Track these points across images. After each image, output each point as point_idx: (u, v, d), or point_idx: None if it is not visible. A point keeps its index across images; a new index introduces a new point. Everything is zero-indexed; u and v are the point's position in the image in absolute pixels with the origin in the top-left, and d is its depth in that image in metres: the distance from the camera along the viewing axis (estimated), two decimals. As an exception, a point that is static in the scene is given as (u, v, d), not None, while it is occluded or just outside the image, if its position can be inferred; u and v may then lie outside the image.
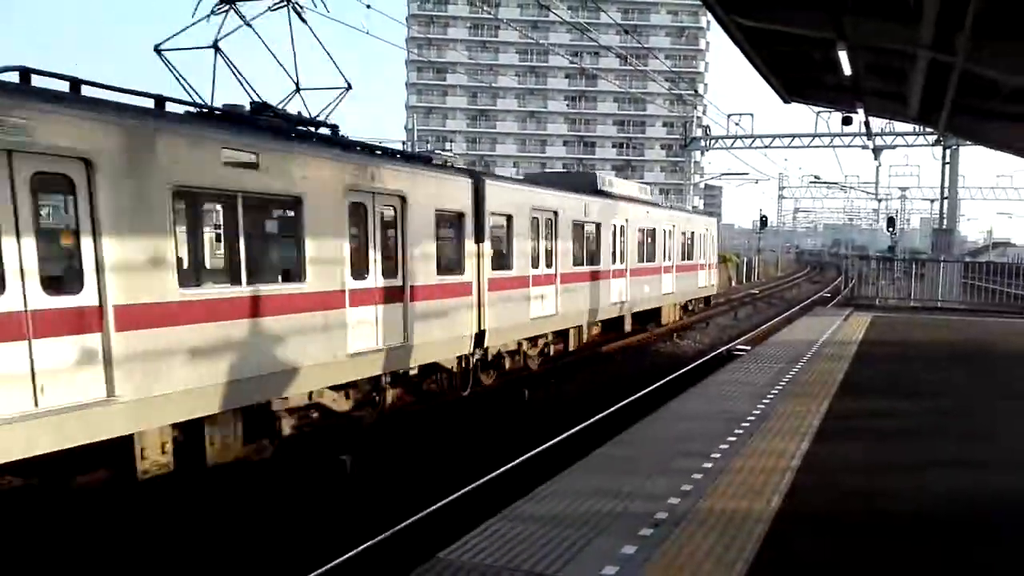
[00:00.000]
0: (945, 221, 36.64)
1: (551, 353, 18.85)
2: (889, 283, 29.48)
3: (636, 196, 24.87)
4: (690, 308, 30.18)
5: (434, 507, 9.18)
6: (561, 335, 19.05)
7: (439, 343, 13.57)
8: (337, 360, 11.11)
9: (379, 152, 12.76)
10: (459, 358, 14.58)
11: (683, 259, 27.63)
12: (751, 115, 45.86)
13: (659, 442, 8.52)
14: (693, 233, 29.06)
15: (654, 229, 24.76)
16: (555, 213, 17.85)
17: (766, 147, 46.34)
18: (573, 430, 12.72)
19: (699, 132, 49.63)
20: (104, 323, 7.82)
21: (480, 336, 14.84)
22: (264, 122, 10.80)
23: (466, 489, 9.81)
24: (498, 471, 10.65)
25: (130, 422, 8.14)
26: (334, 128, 12.24)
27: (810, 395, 10.83)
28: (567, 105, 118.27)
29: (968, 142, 33.62)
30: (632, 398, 14.93)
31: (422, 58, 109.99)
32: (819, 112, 40.82)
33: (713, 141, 48.11)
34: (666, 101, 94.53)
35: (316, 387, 10.98)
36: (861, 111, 21.16)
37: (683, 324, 27.88)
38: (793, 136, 45.49)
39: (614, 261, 21.38)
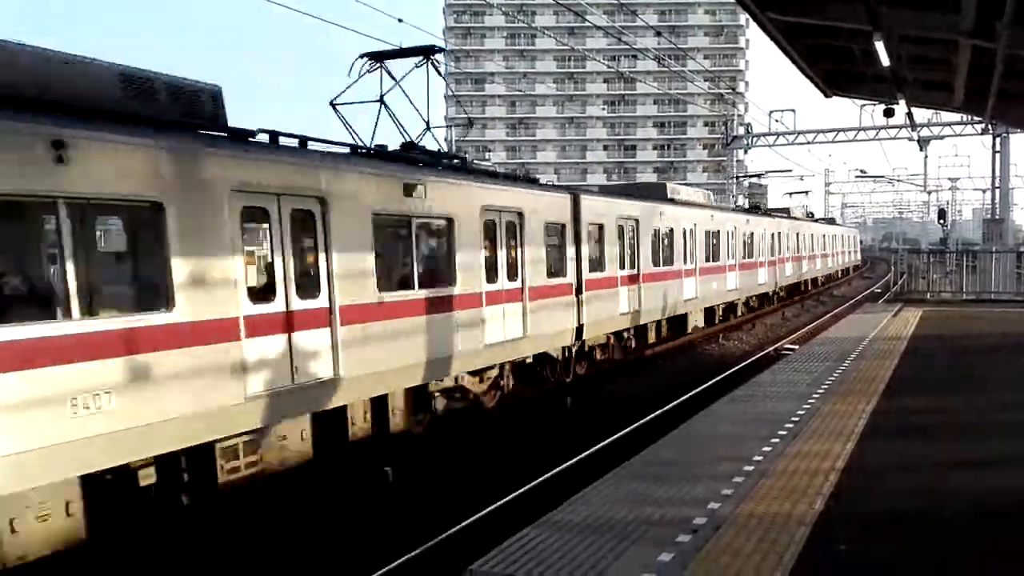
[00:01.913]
0: (997, 211, 35.71)
1: (632, 346, 20.13)
2: (941, 276, 28.81)
3: (700, 201, 26.23)
4: (751, 304, 31.36)
5: (470, 520, 9.12)
6: (641, 330, 20.45)
7: (549, 335, 15.47)
8: (476, 350, 13.11)
9: (500, 176, 15.01)
10: (563, 348, 16.45)
11: (745, 258, 28.88)
12: (793, 111, 45.41)
13: (701, 445, 8.41)
14: (752, 233, 30.07)
15: (718, 231, 25.88)
16: (636, 221, 19.53)
17: (809, 143, 45.67)
18: (617, 436, 12.59)
19: (741, 130, 49.10)
20: (332, 320, 10.08)
21: (579, 330, 16.64)
22: (418, 158, 12.76)
23: (500, 503, 9.70)
24: (539, 480, 10.57)
25: (347, 395, 10.40)
26: (463, 159, 14.76)
27: (857, 394, 10.60)
28: (606, 110, 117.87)
29: (1018, 130, 32.75)
30: (676, 402, 14.74)
31: (460, 70, 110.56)
32: (863, 105, 40.15)
33: (755, 139, 47.53)
34: (706, 100, 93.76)
35: (460, 372, 13.01)
36: (903, 102, 20.70)
37: (741, 321, 27.70)
38: (837, 131, 44.77)
39: (685, 261, 22.82)
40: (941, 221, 48.27)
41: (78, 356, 7.22)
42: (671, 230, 21.90)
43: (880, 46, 13.42)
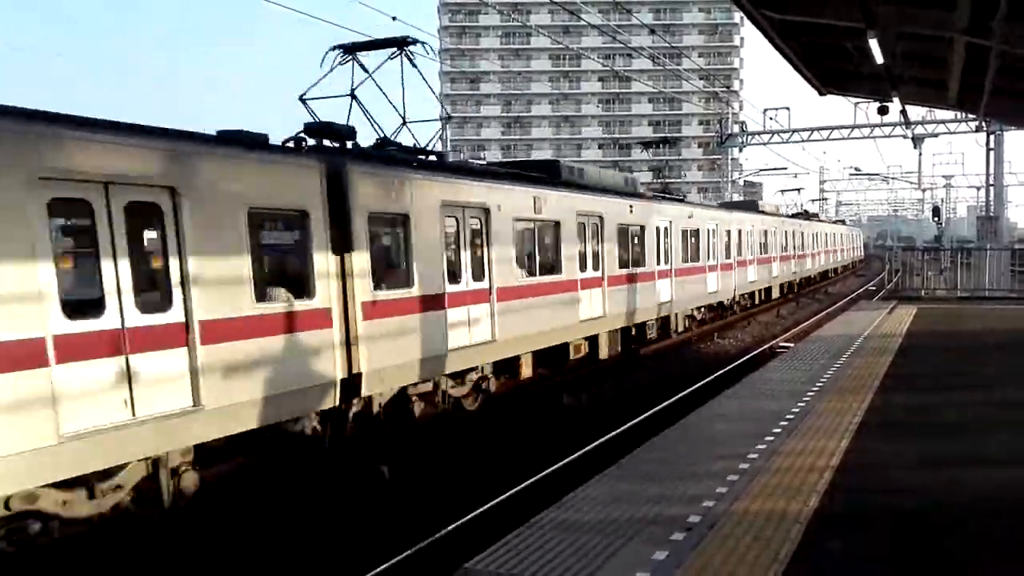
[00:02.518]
0: (991, 208, 35.77)
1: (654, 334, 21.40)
2: (935, 274, 28.85)
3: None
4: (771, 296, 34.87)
5: (465, 519, 9.10)
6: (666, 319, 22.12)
7: (626, 314, 18.58)
8: (576, 323, 16.01)
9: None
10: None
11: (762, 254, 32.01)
12: (787, 109, 45.26)
13: (695, 443, 8.39)
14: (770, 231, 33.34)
15: (747, 230, 29.79)
16: (671, 222, 21.93)
17: (804, 141, 45.66)
18: (611, 435, 12.57)
19: (735, 128, 49.08)
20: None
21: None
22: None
23: (492, 503, 9.67)
24: (533, 479, 10.55)
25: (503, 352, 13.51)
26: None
27: (852, 391, 10.60)
28: (601, 108, 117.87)
29: (1012, 127, 32.80)
30: (670, 400, 14.73)
31: (455, 68, 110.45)
32: (857, 103, 40.12)
33: (750, 137, 47.53)
34: (701, 99, 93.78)
35: (564, 340, 15.57)
36: (897, 100, 20.71)
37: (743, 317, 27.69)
38: (831, 128, 44.76)
39: (710, 258, 25.19)
40: (935, 219, 48.30)
41: None
42: (696, 231, 23.67)
43: (874, 44, 13.41)
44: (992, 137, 35.54)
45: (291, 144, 11.05)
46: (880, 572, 5.18)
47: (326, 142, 11.44)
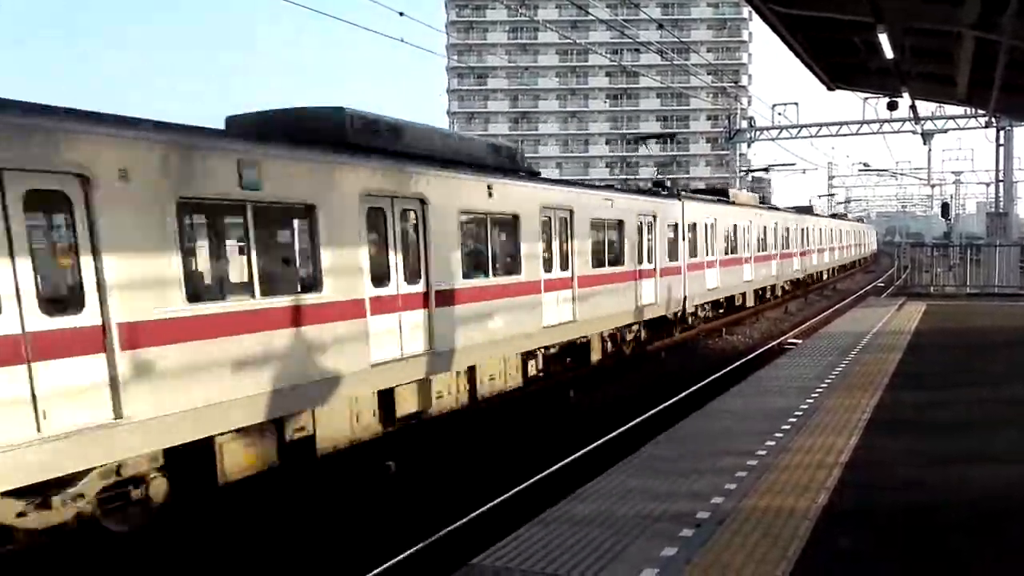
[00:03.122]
0: (1001, 204, 35.59)
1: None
2: (944, 270, 28.73)
3: (750, 203, 30.68)
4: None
5: (472, 515, 9.11)
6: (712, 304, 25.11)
7: (666, 302, 20.41)
8: (636, 307, 18.34)
9: (636, 189, 18.51)
10: (673, 313, 21.14)
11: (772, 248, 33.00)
12: (796, 104, 45.10)
13: (704, 440, 8.39)
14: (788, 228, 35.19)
15: (774, 225, 32.33)
16: (716, 219, 24.76)
17: (812, 136, 45.50)
18: (619, 431, 12.58)
19: (744, 124, 48.90)
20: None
21: (683, 300, 21.59)
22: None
23: (500, 499, 9.67)
24: (541, 475, 10.56)
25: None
26: None
27: (860, 388, 10.58)
28: (608, 104, 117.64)
29: (1022, 123, 32.63)
30: (679, 396, 14.72)
31: (462, 63, 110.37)
32: (866, 98, 39.90)
33: (758, 132, 47.36)
34: (709, 94, 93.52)
35: (623, 324, 17.87)
36: (907, 95, 20.62)
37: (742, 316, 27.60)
38: (840, 124, 44.59)
39: (747, 250, 28.11)
40: (945, 215, 48.08)
41: None
42: (734, 226, 26.72)
43: (884, 39, 13.36)
44: (1002, 133, 35.34)
45: None
46: (889, 569, 5.17)
47: None
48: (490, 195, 13.14)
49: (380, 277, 10.78)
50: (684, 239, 21.90)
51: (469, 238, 13.21)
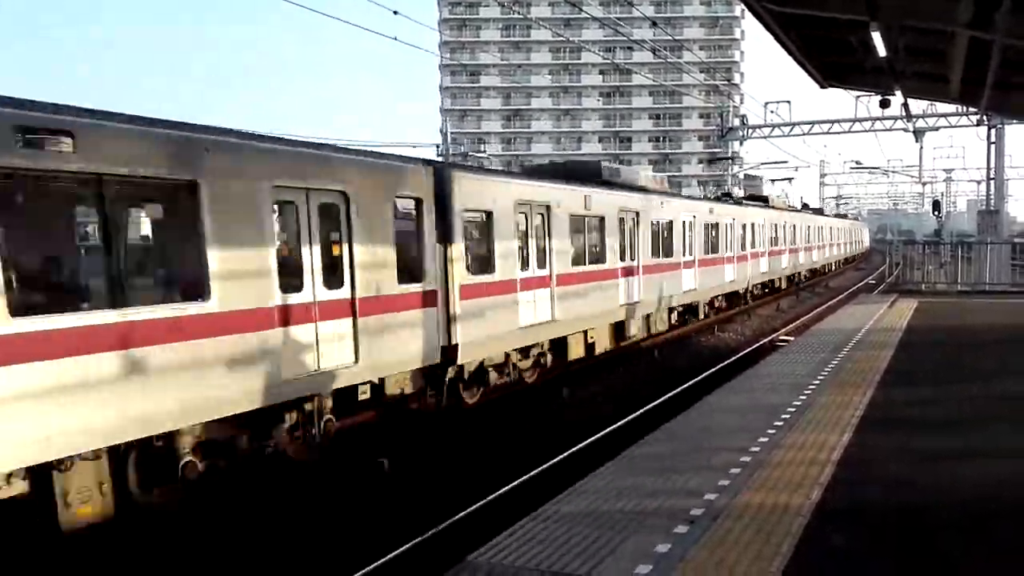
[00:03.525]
0: (992, 202, 35.72)
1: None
2: (936, 268, 28.86)
3: (782, 207, 36.82)
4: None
5: (467, 511, 9.11)
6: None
7: (745, 280, 25.88)
8: (729, 281, 25.16)
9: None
10: (743, 288, 27.27)
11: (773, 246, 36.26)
12: (788, 102, 45.13)
13: (697, 436, 8.41)
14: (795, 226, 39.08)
15: (792, 224, 37.06)
16: (764, 220, 30.85)
17: (805, 134, 45.55)
18: (611, 427, 12.58)
19: (736, 122, 48.96)
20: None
21: (748, 280, 27.02)
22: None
23: (495, 495, 9.67)
24: (534, 471, 10.55)
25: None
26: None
27: (853, 385, 10.61)
28: (601, 101, 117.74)
29: (1014, 121, 32.73)
30: (671, 393, 14.74)
31: (455, 61, 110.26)
32: (858, 96, 39.99)
33: (751, 130, 47.42)
34: (702, 92, 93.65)
35: (725, 292, 22.92)
36: (899, 93, 20.68)
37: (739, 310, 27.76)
38: (832, 122, 44.66)
39: (784, 244, 33.68)
40: (936, 212, 48.24)
41: None
42: (751, 224, 29.83)
43: (877, 37, 13.39)
44: (993, 131, 35.45)
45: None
46: (882, 566, 5.18)
47: None
48: (586, 205, 17.13)
49: (524, 264, 14.79)
50: (748, 235, 29.55)
51: (574, 233, 16.82)
